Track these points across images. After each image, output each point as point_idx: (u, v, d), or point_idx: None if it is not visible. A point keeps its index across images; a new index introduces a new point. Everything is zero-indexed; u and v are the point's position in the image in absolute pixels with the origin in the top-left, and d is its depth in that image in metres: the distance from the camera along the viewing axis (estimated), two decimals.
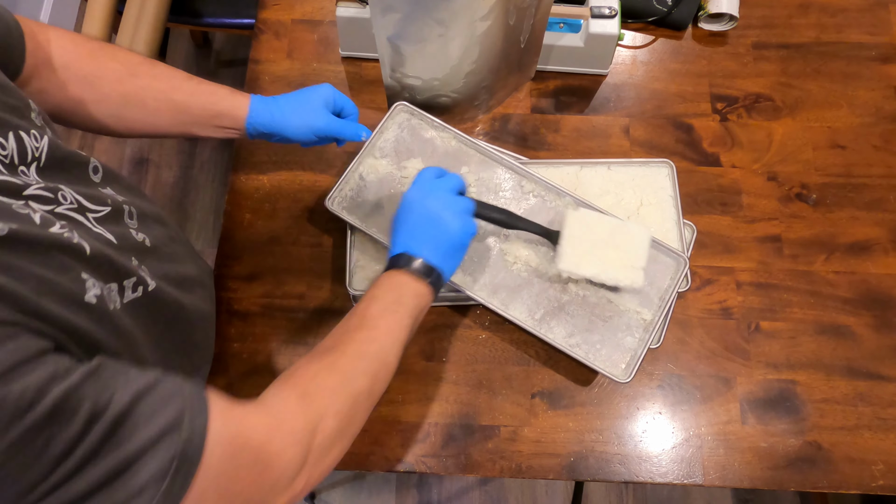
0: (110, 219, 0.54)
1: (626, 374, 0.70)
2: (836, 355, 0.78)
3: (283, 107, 0.68)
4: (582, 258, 0.69)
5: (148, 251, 0.58)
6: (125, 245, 0.54)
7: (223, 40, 1.94)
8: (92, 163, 0.56)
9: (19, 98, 0.50)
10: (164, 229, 0.64)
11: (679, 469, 0.74)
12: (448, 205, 0.63)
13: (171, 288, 0.59)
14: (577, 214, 0.71)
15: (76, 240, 0.46)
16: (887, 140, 0.88)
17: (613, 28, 0.82)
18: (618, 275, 0.69)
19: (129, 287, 0.52)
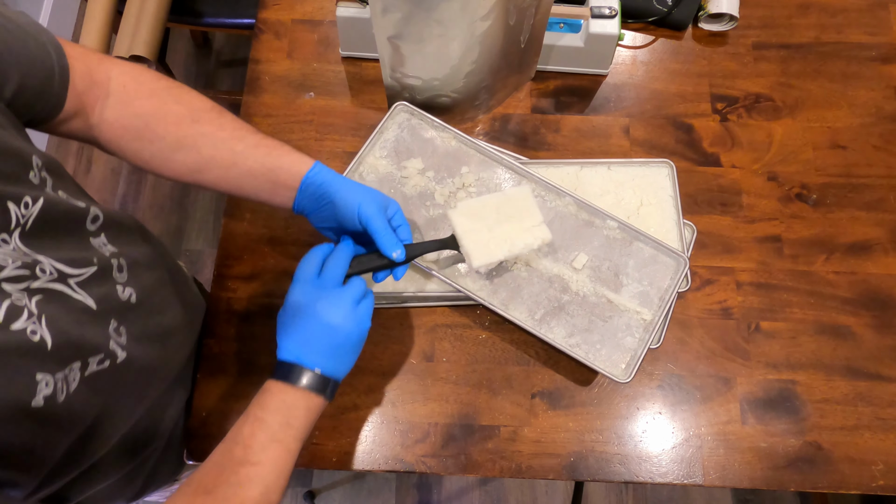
0: (96, 279, 0.53)
1: (626, 374, 0.70)
2: (836, 355, 0.78)
3: (347, 180, 0.64)
4: (487, 246, 0.68)
5: (131, 308, 0.57)
6: (106, 308, 0.53)
7: (223, 40, 1.94)
8: (91, 213, 0.55)
9: (15, 159, 0.48)
10: (154, 273, 0.63)
11: (679, 469, 0.74)
12: (340, 304, 0.58)
13: (147, 348, 0.58)
14: (457, 211, 0.69)
15: (38, 337, 0.44)
16: (887, 140, 0.88)
17: (613, 28, 0.82)
18: (526, 241, 0.69)
19: (95, 362, 0.50)
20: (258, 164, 0.62)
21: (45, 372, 0.45)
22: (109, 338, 0.52)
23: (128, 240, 0.60)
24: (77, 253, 0.52)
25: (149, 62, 1.20)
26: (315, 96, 0.89)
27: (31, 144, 0.51)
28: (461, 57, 0.75)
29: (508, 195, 0.70)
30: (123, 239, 0.59)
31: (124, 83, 0.60)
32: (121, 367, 0.53)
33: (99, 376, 0.50)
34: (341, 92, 0.90)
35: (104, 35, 1.16)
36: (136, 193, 1.78)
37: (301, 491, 1.49)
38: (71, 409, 0.47)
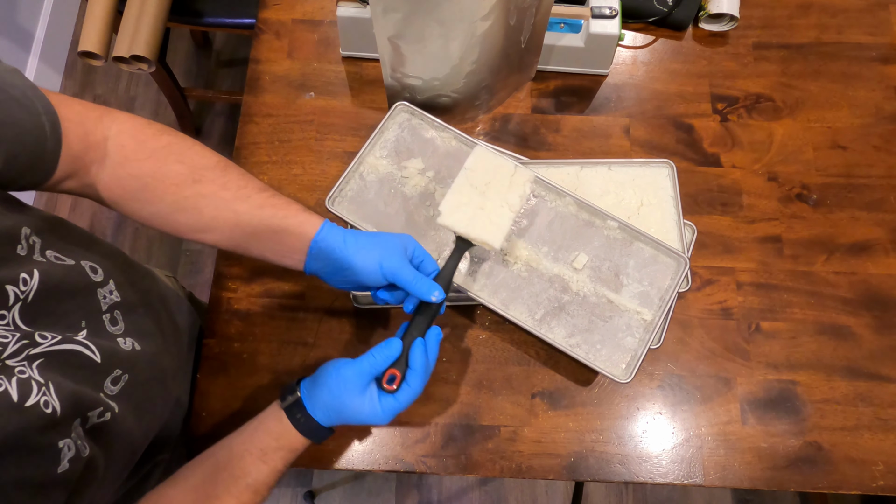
0: (93, 336, 0.53)
1: (626, 375, 0.70)
2: (836, 356, 0.78)
3: (358, 236, 0.62)
4: (493, 223, 0.66)
5: (137, 355, 0.57)
6: (110, 361, 0.53)
7: (223, 40, 1.94)
8: (86, 265, 0.54)
9: (2, 238, 0.47)
10: (151, 319, 0.63)
11: (679, 469, 0.74)
12: (377, 416, 0.60)
13: (141, 397, 0.58)
14: (444, 216, 0.66)
15: (51, 408, 0.44)
16: (888, 140, 0.88)
17: (614, 28, 0.82)
18: (518, 194, 0.68)
19: (95, 415, 0.50)
20: (263, 225, 0.61)
21: (64, 437, 0.45)
22: (101, 391, 0.52)
23: (125, 281, 0.60)
24: (72, 315, 0.52)
25: (149, 62, 1.20)
26: (315, 96, 0.89)
27: (16, 214, 0.49)
28: (461, 57, 0.75)
29: (470, 167, 0.68)
30: (121, 283, 0.58)
31: (123, 143, 0.58)
32: (117, 416, 0.52)
33: (100, 428, 0.50)
34: (341, 92, 0.90)
35: (104, 35, 1.16)
36: None
37: (301, 491, 1.49)
38: (91, 461, 0.48)
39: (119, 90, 1.87)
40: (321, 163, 0.86)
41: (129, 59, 1.18)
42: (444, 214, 0.66)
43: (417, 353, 0.60)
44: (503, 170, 0.69)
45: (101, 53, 1.15)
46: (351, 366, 0.59)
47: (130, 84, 1.88)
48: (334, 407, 0.59)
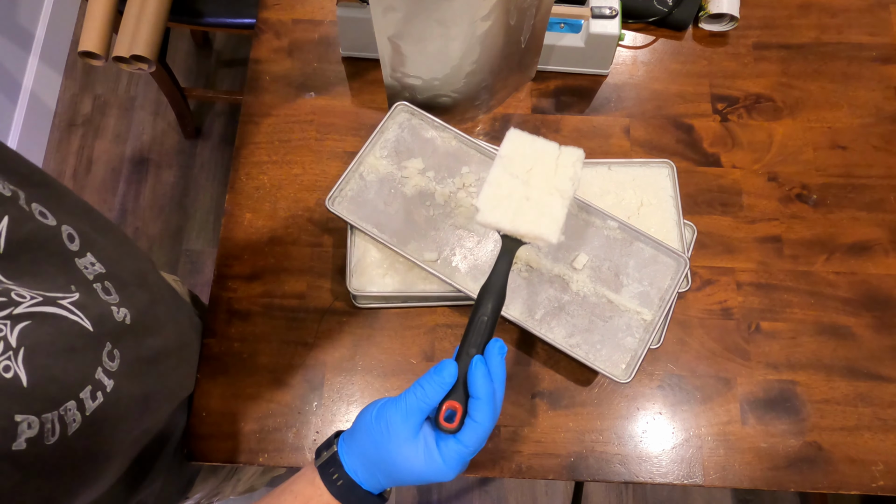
0: (85, 301, 0.49)
1: (626, 375, 0.70)
2: (836, 356, 0.78)
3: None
4: (544, 214, 0.58)
5: (127, 329, 0.53)
6: (102, 330, 0.49)
7: (223, 40, 1.94)
8: (65, 231, 0.50)
9: None
10: (145, 293, 0.60)
11: (679, 469, 0.74)
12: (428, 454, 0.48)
13: (139, 373, 0.54)
14: (484, 213, 0.58)
15: (11, 373, 0.40)
16: (888, 140, 0.88)
17: (614, 28, 0.82)
18: (568, 175, 0.59)
19: (88, 397, 0.46)
20: None
21: (27, 413, 0.41)
22: (99, 366, 0.48)
23: (115, 252, 0.57)
24: (58, 278, 0.48)
25: (149, 62, 1.20)
26: (315, 96, 0.89)
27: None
28: (462, 57, 0.75)
29: (506, 155, 0.59)
30: (109, 253, 0.55)
31: None
32: (112, 398, 0.49)
33: (98, 412, 0.47)
34: (342, 92, 0.90)
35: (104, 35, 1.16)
36: (137, 193, 1.78)
37: None
38: (67, 452, 0.44)
39: (119, 90, 1.88)
40: (321, 163, 0.86)
41: (129, 58, 1.18)
42: (484, 211, 0.57)
43: (479, 376, 0.49)
44: (546, 152, 0.60)
45: (102, 53, 1.15)
46: (394, 404, 0.49)
47: (130, 84, 1.89)
48: (380, 462, 0.48)
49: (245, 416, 0.75)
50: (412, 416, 0.48)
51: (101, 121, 1.84)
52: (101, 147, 1.82)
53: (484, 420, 0.48)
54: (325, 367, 0.77)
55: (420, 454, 0.48)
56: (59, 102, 1.85)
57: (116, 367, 0.50)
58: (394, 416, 0.48)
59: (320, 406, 0.75)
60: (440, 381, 0.49)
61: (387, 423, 0.48)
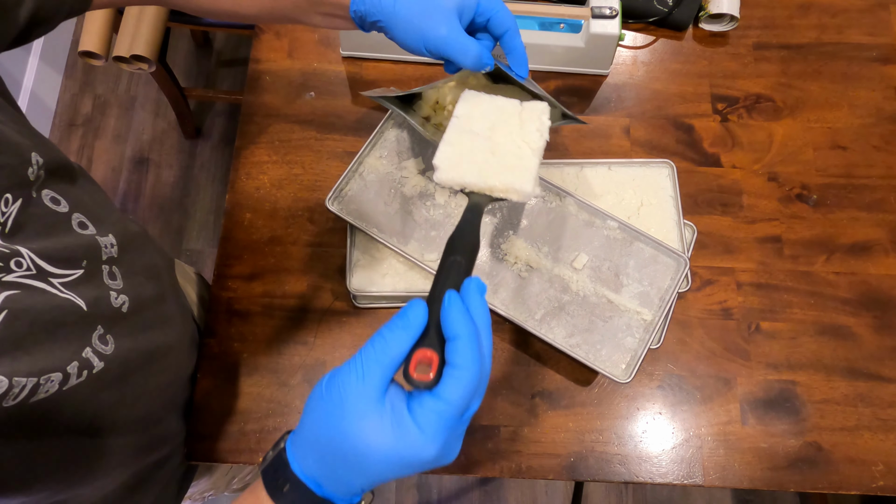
0: (84, 281, 0.48)
1: (626, 375, 0.70)
2: (836, 356, 0.78)
3: (401, 4, 0.53)
4: (518, 167, 0.54)
5: (122, 318, 0.52)
6: (95, 311, 0.49)
7: (224, 40, 1.94)
8: (75, 218, 0.51)
9: (13, 156, 0.44)
10: (154, 287, 0.59)
11: (679, 469, 0.74)
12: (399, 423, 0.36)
13: (133, 361, 0.54)
14: (442, 171, 0.54)
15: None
16: (888, 141, 0.88)
17: (614, 28, 0.82)
18: (536, 127, 0.57)
19: (74, 374, 0.45)
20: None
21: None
22: (88, 346, 0.47)
23: (131, 245, 0.57)
24: (65, 251, 0.48)
25: (149, 62, 1.20)
26: (315, 96, 0.89)
27: (32, 140, 0.48)
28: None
29: (463, 114, 0.57)
30: (126, 244, 0.56)
31: None
32: (97, 379, 0.47)
33: (79, 389, 0.46)
34: (342, 92, 0.90)
35: (105, 35, 1.16)
36: (137, 193, 1.78)
37: None
38: (26, 419, 0.42)
39: (119, 90, 1.88)
40: (321, 162, 0.86)
41: (129, 58, 1.18)
42: (443, 169, 0.53)
43: (455, 312, 0.38)
44: (507, 109, 0.57)
45: (102, 53, 1.15)
46: (348, 365, 0.37)
47: (131, 84, 1.88)
48: (337, 449, 0.37)
49: (245, 416, 0.75)
50: (372, 375, 0.36)
51: (102, 120, 1.84)
52: (101, 147, 1.82)
53: (466, 364, 0.37)
54: (325, 367, 0.77)
55: (387, 423, 0.35)
56: (59, 102, 1.85)
57: (110, 351, 0.49)
58: (348, 378, 0.36)
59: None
60: (405, 325, 0.37)
61: (340, 390, 0.36)
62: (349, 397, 0.36)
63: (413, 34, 0.53)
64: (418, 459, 0.36)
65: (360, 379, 0.36)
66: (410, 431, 0.36)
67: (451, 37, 0.51)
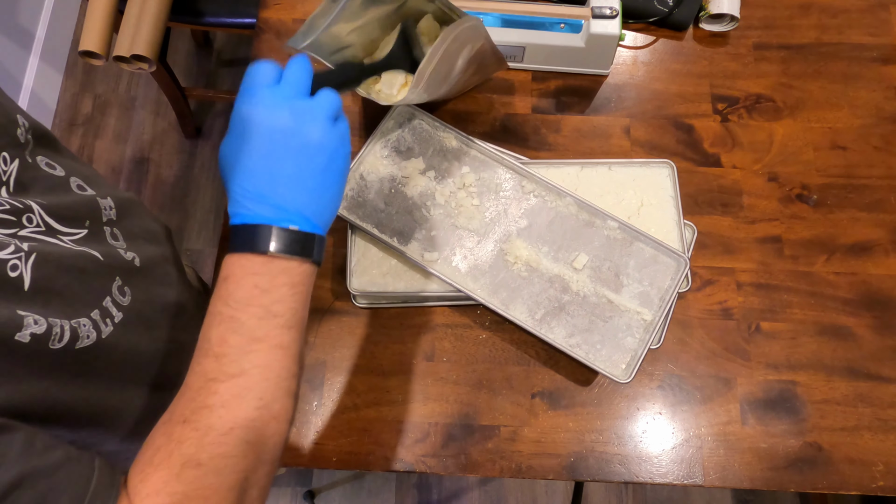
0: (91, 239, 0.50)
1: (626, 375, 0.70)
2: (836, 356, 0.78)
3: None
4: None
5: (136, 271, 0.54)
6: (112, 263, 0.51)
7: (224, 40, 1.94)
8: (74, 182, 0.52)
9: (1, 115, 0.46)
10: (155, 248, 0.61)
11: (679, 469, 0.74)
12: (315, 116, 0.44)
13: (149, 316, 0.55)
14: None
15: (18, 273, 0.40)
16: (888, 141, 0.88)
17: (614, 28, 0.82)
18: None
19: (100, 320, 0.46)
20: None
21: (31, 312, 0.40)
22: (108, 295, 0.48)
23: (127, 210, 0.58)
24: (69, 210, 0.48)
25: (150, 61, 1.20)
26: None
27: (12, 104, 0.49)
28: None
29: None
30: (123, 208, 0.57)
31: None
32: (121, 331, 0.49)
33: (111, 339, 0.47)
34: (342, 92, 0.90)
35: (105, 34, 1.16)
36: (137, 192, 1.78)
37: (301, 491, 1.49)
38: (71, 364, 0.44)
39: (119, 90, 1.88)
40: None
41: (129, 58, 1.18)
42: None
43: None
44: None
45: (102, 53, 1.15)
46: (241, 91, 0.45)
47: (131, 83, 1.89)
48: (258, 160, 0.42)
49: None
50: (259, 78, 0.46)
51: (102, 120, 1.84)
52: (101, 147, 1.82)
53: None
54: (325, 367, 0.77)
55: (280, 104, 0.44)
56: (59, 102, 1.85)
57: (128, 302, 0.50)
58: (240, 102, 0.45)
59: (320, 406, 0.75)
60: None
61: (239, 110, 0.45)
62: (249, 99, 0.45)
63: None
64: (316, 129, 0.44)
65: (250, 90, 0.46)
66: (300, 100, 0.45)
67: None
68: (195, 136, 1.82)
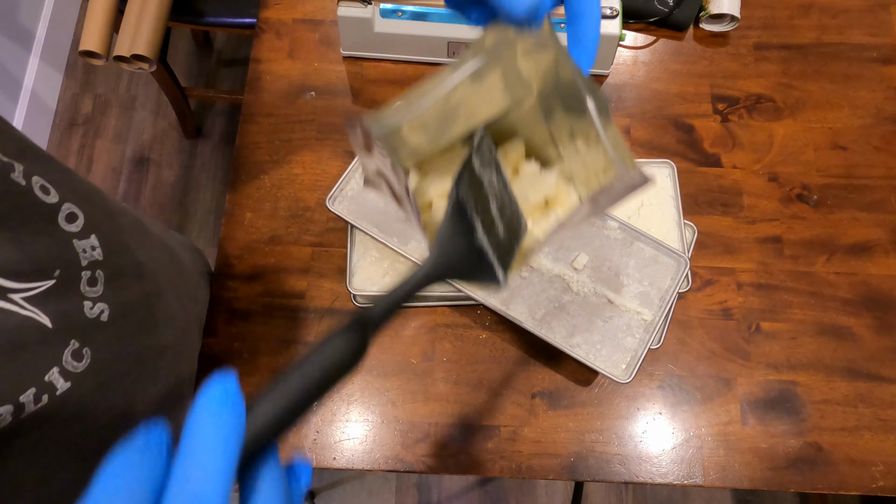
0: (54, 293, 0.44)
1: (626, 375, 0.70)
2: (836, 356, 0.78)
3: None
4: None
5: (101, 327, 0.48)
6: (66, 326, 0.45)
7: (224, 40, 1.94)
8: (65, 209, 0.46)
9: None
10: (143, 285, 0.56)
11: (679, 470, 0.74)
12: None
13: (115, 372, 0.49)
14: None
15: None
16: (888, 141, 0.88)
17: (615, 28, 0.82)
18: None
19: (31, 401, 0.41)
20: None
21: None
22: (55, 366, 0.43)
23: (121, 244, 0.53)
24: (35, 261, 0.43)
25: (150, 61, 1.20)
26: (316, 96, 0.89)
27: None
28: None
29: None
30: (112, 239, 0.52)
31: None
32: (60, 401, 0.43)
33: (35, 416, 0.41)
34: (342, 91, 0.90)
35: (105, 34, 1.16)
36: (137, 192, 1.78)
37: None
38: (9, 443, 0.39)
39: (120, 89, 1.88)
40: (322, 162, 0.86)
41: (129, 58, 1.18)
42: None
43: None
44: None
45: (102, 53, 1.15)
46: None
47: (131, 83, 1.89)
48: None
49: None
50: None
51: (102, 120, 1.84)
52: (101, 146, 1.82)
53: None
54: None
55: None
56: (59, 102, 1.86)
57: (85, 366, 0.46)
58: None
59: (320, 406, 0.75)
60: None
61: None
62: None
63: None
64: None
65: None
66: None
67: None
68: (195, 136, 1.82)
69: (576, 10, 0.39)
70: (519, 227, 0.39)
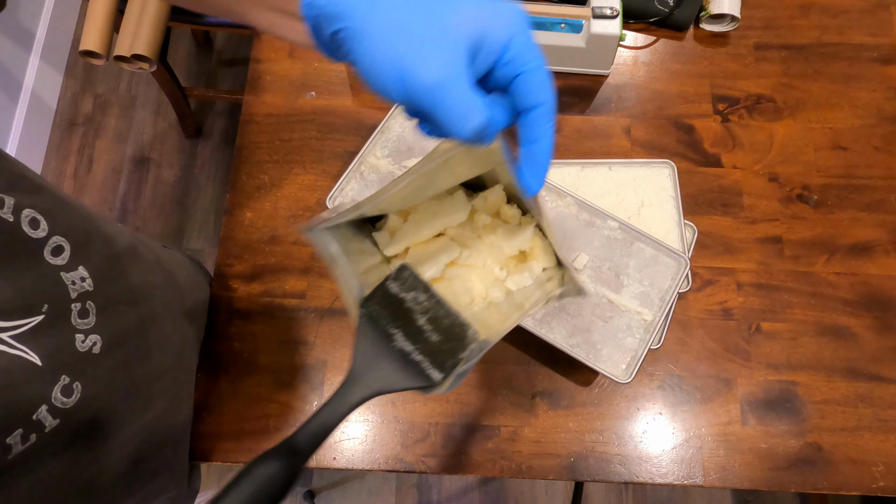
0: (44, 328, 0.43)
1: (626, 375, 0.70)
2: (836, 356, 0.78)
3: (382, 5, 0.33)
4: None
5: (93, 360, 0.47)
6: (56, 362, 0.44)
7: (224, 39, 1.94)
8: (52, 243, 0.45)
9: None
10: (136, 312, 0.55)
11: (679, 470, 0.74)
12: None
13: (108, 405, 0.49)
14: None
15: None
16: (888, 141, 0.88)
17: (615, 29, 0.82)
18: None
19: (17, 442, 0.40)
20: None
21: None
22: (44, 404, 0.42)
23: (114, 272, 0.53)
24: (22, 298, 0.42)
25: (150, 61, 1.20)
26: (316, 96, 0.89)
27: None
28: None
29: None
30: (105, 265, 0.51)
31: None
32: (48, 438, 0.42)
33: (21, 456, 0.40)
34: (342, 91, 0.90)
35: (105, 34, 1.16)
36: (137, 192, 1.78)
37: (301, 490, 1.49)
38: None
39: (120, 89, 1.88)
40: (322, 162, 0.86)
41: (130, 58, 1.18)
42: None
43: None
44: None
45: (103, 52, 1.15)
46: None
47: (131, 83, 1.89)
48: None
49: (245, 416, 0.75)
50: None
51: (102, 120, 1.84)
52: (101, 146, 1.82)
53: None
54: (325, 367, 0.77)
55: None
56: (59, 102, 1.86)
57: (74, 401, 0.44)
58: None
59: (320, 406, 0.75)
60: None
61: None
62: None
63: (388, 65, 0.32)
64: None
65: None
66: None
67: (449, 82, 0.32)
68: (195, 136, 1.82)
69: (529, 136, 0.39)
70: (464, 332, 0.42)
